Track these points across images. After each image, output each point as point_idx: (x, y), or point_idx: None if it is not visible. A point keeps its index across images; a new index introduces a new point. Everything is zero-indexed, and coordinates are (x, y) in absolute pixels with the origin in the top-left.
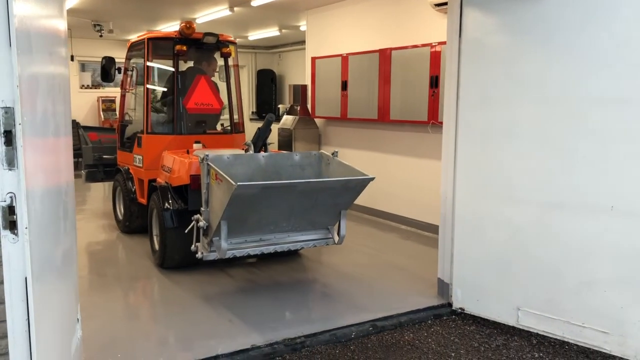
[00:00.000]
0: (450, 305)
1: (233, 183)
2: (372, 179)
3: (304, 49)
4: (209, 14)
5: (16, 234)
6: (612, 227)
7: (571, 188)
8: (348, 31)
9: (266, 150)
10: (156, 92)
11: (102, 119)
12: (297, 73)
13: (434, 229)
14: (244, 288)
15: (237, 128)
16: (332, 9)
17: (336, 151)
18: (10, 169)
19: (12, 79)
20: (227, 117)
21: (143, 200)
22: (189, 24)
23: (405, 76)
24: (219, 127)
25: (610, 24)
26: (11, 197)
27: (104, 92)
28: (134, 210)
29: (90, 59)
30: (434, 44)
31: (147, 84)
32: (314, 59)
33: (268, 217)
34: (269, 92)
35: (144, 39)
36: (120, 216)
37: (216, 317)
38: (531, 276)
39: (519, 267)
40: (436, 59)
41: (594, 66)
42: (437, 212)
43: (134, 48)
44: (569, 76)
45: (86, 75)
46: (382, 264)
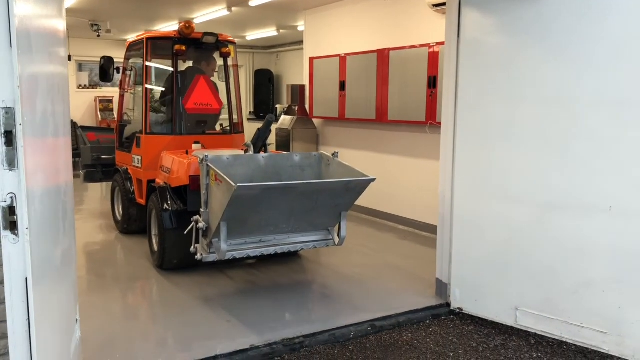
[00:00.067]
0: (448, 305)
1: (233, 184)
2: (372, 180)
3: (301, 49)
4: (206, 14)
5: (17, 234)
6: (610, 228)
7: (569, 188)
8: (346, 31)
9: (266, 151)
10: (154, 92)
11: (100, 119)
12: (294, 73)
13: (431, 229)
14: (243, 289)
15: (237, 128)
16: (330, 9)
17: (336, 152)
18: (10, 170)
19: (13, 80)
20: (226, 117)
21: (142, 201)
22: (188, 24)
23: (403, 76)
24: (217, 128)
25: (607, 25)
26: (12, 198)
27: (101, 92)
28: (132, 211)
29: (88, 58)
30: (431, 44)
31: (146, 84)
32: (312, 59)
33: (268, 219)
34: (266, 92)
35: (143, 38)
36: (119, 217)
37: (215, 318)
38: (529, 276)
39: (517, 267)
40: (434, 59)
41: (591, 66)
42: (435, 212)
43: (133, 48)
44: (566, 76)
45: (83, 75)
46: (380, 264)
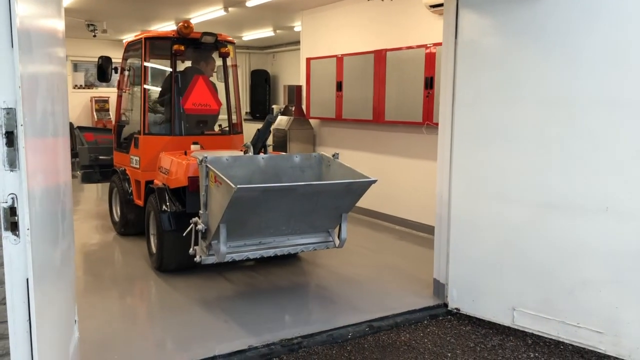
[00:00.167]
0: (446, 305)
1: (233, 186)
2: (374, 181)
3: (297, 49)
4: (203, 14)
5: (18, 235)
6: (607, 228)
7: (566, 189)
8: (343, 32)
9: (266, 152)
10: (153, 92)
11: (96, 119)
12: (290, 73)
13: (428, 229)
14: (241, 291)
15: (235, 129)
16: (327, 9)
17: (337, 153)
18: (12, 170)
19: (14, 80)
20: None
21: (140, 202)
22: (186, 24)
23: (400, 77)
24: (216, 128)
25: (603, 26)
26: (13, 198)
27: (97, 92)
28: (130, 212)
29: (83, 59)
30: (428, 45)
31: (144, 84)
32: (308, 60)
33: (268, 220)
34: (262, 93)
35: (141, 38)
36: (117, 218)
37: (213, 319)
38: (526, 277)
39: (514, 268)
40: (431, 60)
41: (588, 67)
42: (431, 212)
43: (131, 48)
44: (563, 77)
45: (79, 75)
46: (378, 264)
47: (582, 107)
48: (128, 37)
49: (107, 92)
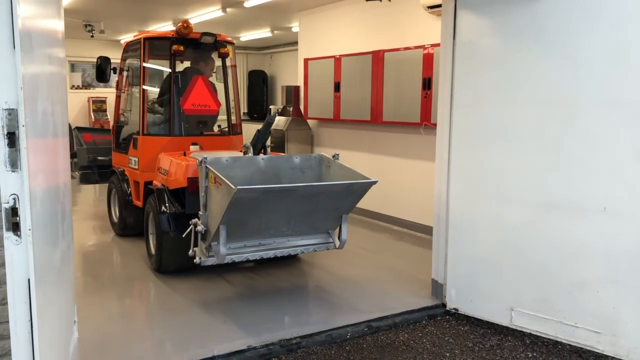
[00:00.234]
0: (444, 305)
1: (233, 187)
2: (374, 182)
3: (295, 50)
4: (201, 15)
5: (19, 235)
6: (605, 228)
7: (564, 189)
8: (341, 33)
9: (266, 153)
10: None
11: (93, 120)
12: (288, 74)
13: (426, 229)
14: (241, 292)
15: (235, 129)
16: (324, 10)
17: (337, 154)
18: (13, 171)
19: (16, 81)
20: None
21: (139, 203)
22: (186, 24)
23: (398, 78)
24: (215, 129)
25: (603, 26)
26: (14, 199)
27: (95, 92)
28: (129, 213)
29: (81, 59)
30: (426, 46)
31: (143, 85)
32: (306, 60)
33: (268, 222)
34: (260, 93)
35: (140, 38)
36: (116, 219)
37: (212, 319)
38: (525, 277)
39: (512, 268)
40: (429, 61)
41: (586, 67)
42: (430, 213)
43: (130, 48)
44: (561, 77)
45: (76, 76)
46: (376, 265)
47: (582, 107)
48: (125, 38)
49: (105, 92)
